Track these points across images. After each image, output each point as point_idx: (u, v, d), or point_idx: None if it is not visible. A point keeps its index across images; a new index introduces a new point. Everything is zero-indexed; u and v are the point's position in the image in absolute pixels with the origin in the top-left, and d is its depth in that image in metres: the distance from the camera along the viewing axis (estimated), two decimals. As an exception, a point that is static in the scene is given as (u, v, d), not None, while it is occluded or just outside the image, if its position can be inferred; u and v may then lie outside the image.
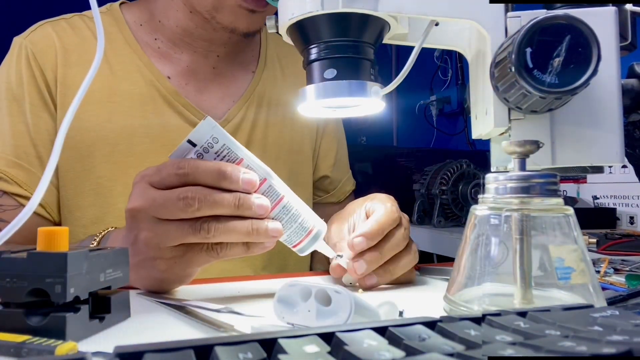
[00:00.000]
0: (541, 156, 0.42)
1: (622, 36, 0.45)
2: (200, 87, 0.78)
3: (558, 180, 0.40)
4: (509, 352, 0.22)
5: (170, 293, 0.53)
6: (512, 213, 0.39)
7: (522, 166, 0.40)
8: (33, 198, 0.36)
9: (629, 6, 0.45)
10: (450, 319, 0.27)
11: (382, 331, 0.25)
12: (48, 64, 0.73)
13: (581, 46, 0.38)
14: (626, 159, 0.46)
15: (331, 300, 0.35)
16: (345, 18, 0.45)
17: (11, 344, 0.32)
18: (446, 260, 1.14)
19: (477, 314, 0.28)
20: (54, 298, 0.35)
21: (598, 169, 0.44)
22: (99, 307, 0.40)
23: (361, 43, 0.46)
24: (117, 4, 0.80)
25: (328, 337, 0.24)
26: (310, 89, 0.46)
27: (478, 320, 0.27)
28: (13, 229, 0.35)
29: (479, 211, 0.42)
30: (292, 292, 0.38)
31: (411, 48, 0.47)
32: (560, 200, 0.40)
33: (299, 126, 0.86)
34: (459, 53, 0.53)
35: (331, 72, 0.45)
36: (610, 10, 0.42)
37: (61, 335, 0.35)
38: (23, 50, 0.73)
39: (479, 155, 1.67)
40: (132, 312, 0.44)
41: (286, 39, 0.50)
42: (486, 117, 0.45)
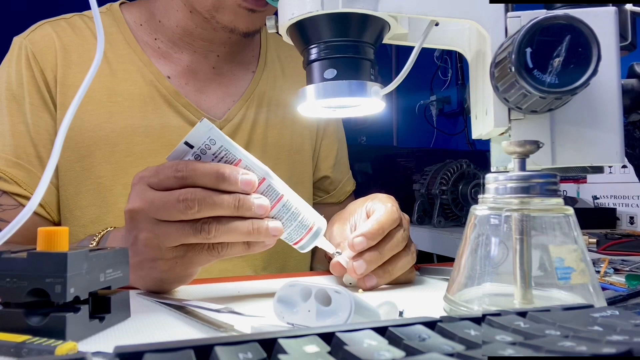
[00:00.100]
0: (541, 156, 0.42)
1: (622, 36, 0.45)
2: (200, 87, 0.78)
3: (558, 180, 0.40)
4: (509, 352, 0.22)
5: (170, 293, 0.53)
6: (512, 213, 0.39)
7: (522, 166, 0.40)
8: (33, 198, 0.36)
9: (629, 6, 0.45)
10: (450, 319, 0.27)
11: (382, 331, 0.25)
12: (48, 64, 0.73)
13: (581, 46, 0.38)
14: (626, 159, 0.46)
15: (331, 300, 0.35)
16: (345, 18, 0.45)
17: (11, 344, 0.32)
18: (446, 260, 1.14)
19: (477, 314, 0.28)
20: (54, 298, 0.35)
21: (598, 169, 0.44)
22: (99, 307, 0.40)
23: (361, 43, 0.46)
24: (117, 4, 0.80)
25: (328, 337, 0.24)
26: (310, 89, 0.46)
27: (478, 320, 0.27)
28: (13, 229, 0.35)
29: (479, 211, 0.42)
30: (292, 292, 0.38)
31: (411, 48, 0.47)
32: (560, 200, 0.40)
33: (299, 126, 0.86)
34: (459, 53, 0.53)
35: (331, 72, 0.45)
36: (610, 10, 0.42)
37: (61, 335, 0.35)
38: (23, 50, 0.73)
39: (479, 155, 1.67)
40: (132, 312, 0.44)
41: (286, 39, 0.50)
42: (486, 117, 0.45)
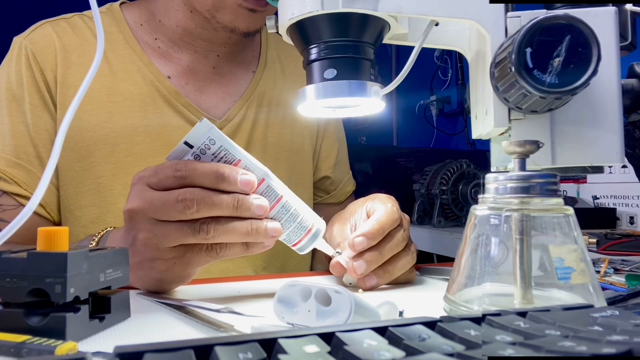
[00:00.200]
0: (541, 156, 0.42)
1: (622, 36, 0.45)
2: (200, 87, 0.78)
3: (558, 180, 0.40)
4: (509, 352, 0.22)
5: (170, 293, 0.53)
6: (512, 213, 0.39)
7: (522, 166, 0.40)
8: (33, 198, 0.36)
9: (629, 6, 0.45)
10: (450, 319, 0.27)
11: (382, 331, 0.25)
12: (48, 64, 0.73)
13: (581, 46, 0.38)
14: (626, 159, 0.46)
15: (331, 300, 0.35)
16: (345, 18, 0.45)
17: (11, 344, 0.32)
18: (446, 260, 1.14)
19: (477, 314, 0.28)
20: (54, 298, 0.35)
21: (598, 169, 0.44)
22: (99, 307, 0.40)
23: (361, 43, 0.46)
24: (117, 4, 0.80)
25: (328, 337, 0.24)
26: (310, 89, 0.46)
27: (478, 320, 0.27)
28: (13, 229, 0.35)
29: (479, 211, 0.42)
30: (292, 292, 0.38)
31: (411, 48, 0.47)
32: (560, 200, 0.40)
33: (300, 126, 0.86)
34: (459, 53, 0.53)
35: (331, 72, 0.45)
36: (610, 10, 0.42)
37: (61, 335, 0.35)
38: (23, 50, 0.73)
39: (479, 155, 1.67)
40: (132, 312, 0.44)
41: (286, 39, 0.50)
42: (486, 117, 0.45)
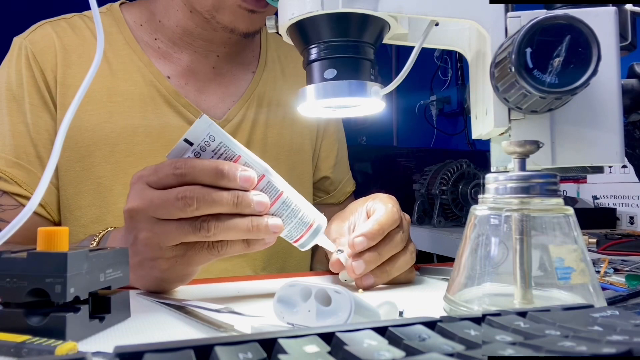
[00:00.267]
0: (541, 156, 0.42)
1: (622, 36, 0.45)
2: (200, 87, 0.78)
3: (558, 180, 0.40)
4: (509, 352, 0.22)
5: (170, 293, 0.53)
6: (512, 213, 0.39)
7: (522, 166, 0.40)
8: (33, 198, 0.36)
9: (629, 6, 0.45)
10: (450, 319, 0.27)
11: (382, 331, 0.25)
12: (48, 64, 0.73)
13: (581, 46, 0.38)
14: (626, 159, 0.46)
15: (331, 300, 0.35)
16: (345, 18, 0.45)
17: (11, 344, 0.32)
18: (446, 260, 1.14)
19: (477, 314, 0.28)
20: (54, 298, 0.35)
21: (598, 169, 0.44)
22: (99, 307, 0.40)
23: (361, 43, 0.46)
24: (117, 4, 0.80)
25: (328, 337, 0.24)
26: (310, 89, 0.46)
27: (478, 320, 0.27)
28: (13, 229, 0.35)
29: (479, 211, 0.42)
30: (292, 292, 0.38)
31: (411, 48, 0.47)
32: (560, 200, 0.40)
33: (299, 126, 0.86)
34: (459, 53, 0.53)
35: (331, 72, 0.45)
36: (610, 10, 0.42)
37: (61, 335, 0.35)
38: (23, 50, 0.73)
39: (479, 155, 1.67)
40: (132, 312, 0.44)
41: (286, 39, 0.50)
42: (486, 117, 0.45)
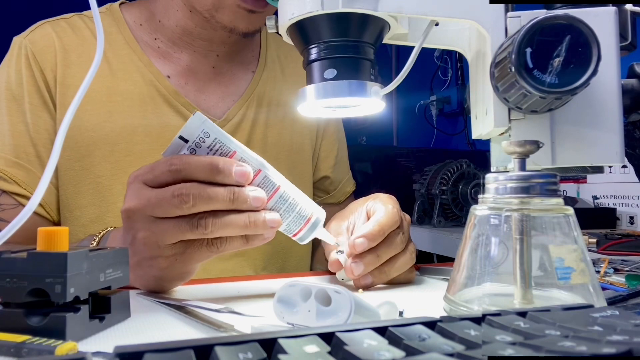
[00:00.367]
0: (541, 156, 0.42)
1: (622, 36, 0.45)
2: (200, 87, 0.78)
3: (558, 180, 0.40)
4: (509, 352, 0.22)
5: (170, 293, 0.53)
6: (512, 213, 0.39)
7: (522, 166, 0.40)
8: (33, 198, 0.36)
9: (629, 6, 0.45)
10: (450, 319, 0.27)
11: (382, 331, 0.25)
12: (47, 64, 0.73)
13: (581, 46, 0.38)
14: (626, 159, 0.46)
15: (331, 300, 0.35)
16: (345, 18, 0.45)
17: (11, 344, 0.32)
18: (446, 260, 1.14)
19: (477, 314, 0.28)
20: (54, 298, 0.35)
21: (598, 169, 0.44)
22: (99, 307, 0.40)
23: (361, 43, 0.46)
24: (117, 4, 0.80)
25: (328, 337, 0.24)
26: (310, 89, 0.46)
27: (478, 320, 0.27)
28: (13, 229, 0.35)
29: (479, 211, 0.42)
30: (292, 292, 0.38)
31: (411, 48, 0.47)
32: (560, 200, 0.40)
33: (299, 126, 0.86)
34: (459, 53, 0.53)
35: (331, 72, 0.45)
36: (610, 10, 0.42)
37: (61, 335, 0.35)
38: (23, 49, 0.73)
39: (479, 155, 1.67)
40: (132, 312, 0.44)
41: (286, 39, 0.50)
42: (486, 117, 0.45)
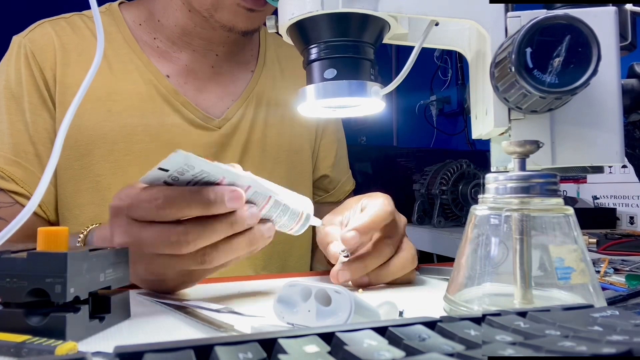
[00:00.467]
0: (541, 156, 0.42)
1: (622, 36, 0.45)
2: (199, 86, 0.78)
3: (558, 180, 0.40)
4: (509, 352, 0.22)
5: (170, 293, 0.53)
6: (512, 213, 0.39)
7: (522, 166, 0.40)
8: (33, 198, 0.36)
9: (629, 6, 0.45)
10: (450, 319, 0.27)
11: (382, 331, 0.25)
12: (47, 63, 0.73)
13: (581, 46, 0.38)
14: (626, 159, 0.46)
15: (331, 300, 0.35)
16: (345, 18, 0.45)
17: (11, 344, 0.32)
18: (446, 260, 1.14)
19: (477, 314, 0.28)
20: (54, 298, 0.35)
21: (598, 169, 0.44)
22: (99, 307, 0.40)
23: (361, 43, 0.46)
24: (116, 4, 0.80)
25: (328, 337, 0.24)
26: (310, 89, 0.46)
27: (478, 320, 0.27)
28: (13, 229, 0.35)
29: (479, 211, 0.42)
30: (292, 292, 0.38)
31: (411, 48, 0.47)
32: (560, 200, 0.40)
33: (299, 126, 0.86)
34: (459, 53, 0.53)
35: (331, 72, 0.45)
36: (610, 10, 0.42)
37: (61, 335, 0.35)
38: (22, 49, 0.73)
39: (479, 155, 1.67)
40: (132, 312, 0.44)
41: (286, 39, 0.50)
42: (486, 117, 0.45)
